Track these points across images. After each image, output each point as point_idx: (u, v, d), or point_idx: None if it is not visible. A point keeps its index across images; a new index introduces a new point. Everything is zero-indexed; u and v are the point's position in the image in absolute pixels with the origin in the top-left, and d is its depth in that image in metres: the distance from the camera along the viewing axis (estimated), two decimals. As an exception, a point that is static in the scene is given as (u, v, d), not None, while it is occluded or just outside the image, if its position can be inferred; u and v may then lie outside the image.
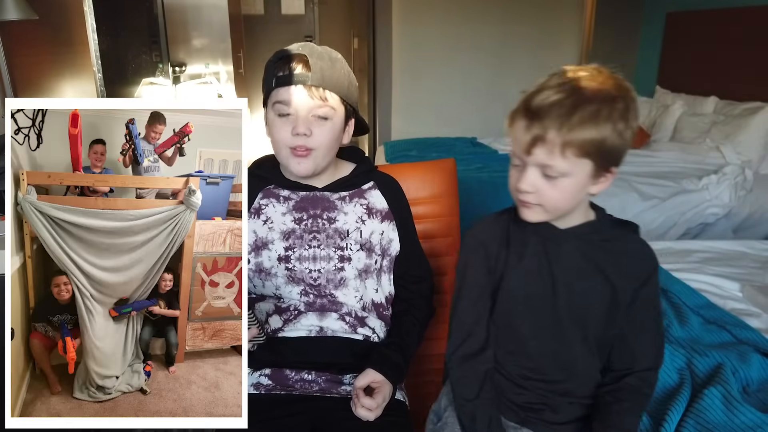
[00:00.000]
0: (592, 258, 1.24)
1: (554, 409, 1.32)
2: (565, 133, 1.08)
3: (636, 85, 4.23)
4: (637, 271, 1.25)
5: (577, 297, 1.25)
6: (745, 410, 1.55)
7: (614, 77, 1.13)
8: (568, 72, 1.14)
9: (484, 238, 1.32)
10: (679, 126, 4.79)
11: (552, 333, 1.27)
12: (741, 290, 2.38)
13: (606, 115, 1.08)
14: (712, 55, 4.82)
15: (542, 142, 1.10)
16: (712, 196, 3.72)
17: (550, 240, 1.25)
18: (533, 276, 1.27)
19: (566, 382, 1.31)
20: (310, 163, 1.44)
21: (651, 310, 1.29)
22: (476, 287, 1.32)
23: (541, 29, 5.71)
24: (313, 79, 1.37)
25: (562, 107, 1.08)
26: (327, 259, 1.48)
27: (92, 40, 3.36)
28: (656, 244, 2.90)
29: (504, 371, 1.34)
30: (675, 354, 1.84)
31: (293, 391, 1.46)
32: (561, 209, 1.19)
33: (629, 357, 1.30)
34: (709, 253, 2.80)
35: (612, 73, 1.15)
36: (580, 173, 1.13)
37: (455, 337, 1.35)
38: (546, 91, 1.11)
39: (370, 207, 1.54)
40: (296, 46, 1.42)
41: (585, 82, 1.11)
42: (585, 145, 1.09)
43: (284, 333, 1.48)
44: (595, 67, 1.15)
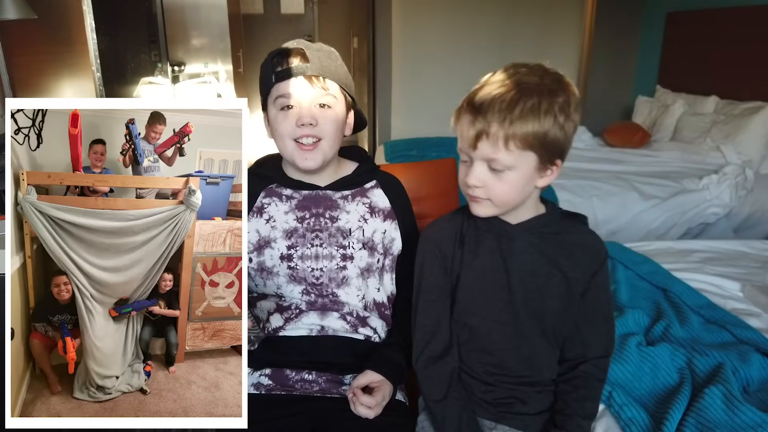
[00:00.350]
0: (545, 252, 1.27)
1: (524, 401, 1.34)
2: (508, 126, 1.12)
3: (636, 85, 4.24)
4: (588, 262, 1.28)
5: (532, 292, 1.28)
6: (745, 409, 1.55)
7: (555, 73, 1.18)
8: (510, 68, 1.19)
9: (438, 239, 1.34)
10: (679, 126, 4.79)
11: (511, 329, 1.30)
12: (741, 290, 2.38)
13: (546, 108, 1.12)
14: (713, 54, 4.82)
15: (486, 136, 1.14)
16: (712, 195, 3.73)
17: (503, 236, 1.28)
18: (489, 273, 1.29)
19: (531, 375, 1.33)
20: (318, 155, 1.45)
21: (602, 299, 1.32)
22: (434, 289, 1.34)
23: (541, 30, 5.71)
24: (312, 69, 1.39)
25: (503, 101, 1.12)
26: (329, 257, 1.48)
27: (91, 39, 3.36)
28: (657, 244, 2.91)
29: (470, 370, 1.35)
30: (675, 353, 1.83)
31: (293, 391, 1.45)
32: (509, 203, 1.22)
33: (582, 346, 1.33)
34: (710, 252, 2.79)
35: (554, 70, 1.19)
36: (525, 166, 1.16)
37: (418, 340, 1.36)
38: (488, 87, 1.16)
39: (373, 206, 1.54)
40: (291, 42, 1.44)
41: (526, 77, 1.15)
42: (527, 138, 1.13)
43: (285, 332, 1.47)
44: (539, 64, 1.19)
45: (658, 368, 1.77)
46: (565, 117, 1.14)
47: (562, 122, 1.14)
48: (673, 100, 5.03)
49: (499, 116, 1.12)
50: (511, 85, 1.14)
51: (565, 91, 1.16)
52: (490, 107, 1.13)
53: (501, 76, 1.17)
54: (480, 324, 1.31)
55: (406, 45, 5.55)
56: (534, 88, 1.13)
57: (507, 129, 1.12)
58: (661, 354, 1.81)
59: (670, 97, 5.11)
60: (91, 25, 3.35)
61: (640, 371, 1.76)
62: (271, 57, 1.43)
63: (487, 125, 1.14)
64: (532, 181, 1.20)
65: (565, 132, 1.16)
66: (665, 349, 1.84)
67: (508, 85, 1.14)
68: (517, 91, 1.12)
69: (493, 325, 1.30)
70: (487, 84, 1.17)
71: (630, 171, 4.10)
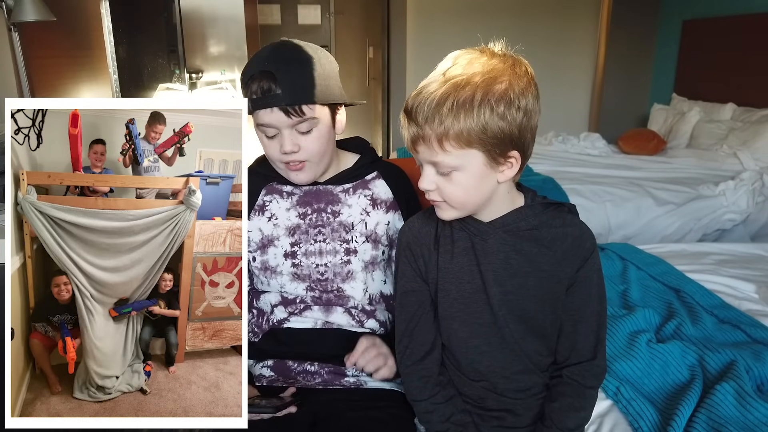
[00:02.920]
0: (522, 249, 1.21)
1: (515, 413, 1.29)
2: (437, 126, 1.06)
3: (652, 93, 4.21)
4: (571, 256, 1.21)
5: (509, 293, 1.22)
6: (758, 405, 1.53)
7: (502, 56, 1.10)
8: (449, 60, 1.12)
9: (409, 240, 1.30)
10: (695, 133, 4.76)
11: (492, 331, 1.24)
12: (757, 291, 2.35)
13: (480, 99, 1.05)
14: (730, 62, 4.78)
15: (422, 140, 1.09)
16: (729, 202, 3.69)
17: (477, 235, 1.22)
18: (465, 275, 1.24)
19: (519, 380, 1.27)
20: (308, 172, 1.45)
21: (589, 297, 1.24)
22: (408, 292, 1.31)
23: (556, 38, 5.70)
24: (285, 98, 1.33)
25: (432, 100, 1.06)
26: (333, 252, 1.49)
27: (109, 43, 3.39)
28: (671, 246, 2.89)
29: (458, 378, 1.32)
30: (686, 351, 1.81)
31: (295, 382, 1.47)
32: (467, 204, 1.17)
33: (569, 347, 1.26)
34: (725, 255, 2.77)
35: (503, 52, 1.12)
36: (472, 165, 1.10)
37: (397, 343, 1.33)
38: (423, 89, 1.10)
39: (375, 198, 1.53)
40: (264, 54, 1.37)
41: (456, 70, 1.08)
42: (462, 136, 1.06)
43: (289, 323, 1.49)
44: (485, 48, 1.12)
45: (668, 365, 1.74)
46: (507, 105, 1.05)
47: (503, 111, 1.05)
48: (689, 107, 4.98)
49: (429, 118, 1.06)
50: (441, 82, 1.07)
51: (509, 74, 1.07)
52: (419, 109, 1.08)
53: (436, 73, 1.11)
54: (460, 327, 1.27)
55: (420, 54, 5.59)
56: (466, 80, 1.06)
57: (437, 129, 1.06)
58: (671, 351, 1.79)
59: (686, 105, 5.07)
60: (109, 29, 3.38)
61: (650, 368, 1.74)
62: (245, 79, 1.36)
63: (419, 128, 1.09)
64: (488, 179, 1.13)
65: (510, 121, 1.07)
66: (676, 347, 1.81)
67: (439, 82, 1.08)
68: (447, 87, 1.06)
69: (474, 327, 1.26)
70: (422, 86, 1.11)
71: (644, 177, 4.06)
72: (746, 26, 4.60)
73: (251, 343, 1.50)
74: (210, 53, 4.91)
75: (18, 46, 2.73)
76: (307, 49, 1.38)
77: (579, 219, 1.25)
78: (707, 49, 5.04)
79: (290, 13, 7.00)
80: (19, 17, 2.55)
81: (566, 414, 1.24)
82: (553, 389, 1.27)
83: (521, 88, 1.08)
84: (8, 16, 2.60)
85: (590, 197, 3.68)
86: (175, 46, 4.76)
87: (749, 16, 4.58)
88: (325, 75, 1.39)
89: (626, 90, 5.85)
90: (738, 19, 4.71)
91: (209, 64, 4.95)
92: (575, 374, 1.25)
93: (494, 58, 1.10)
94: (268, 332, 1.50)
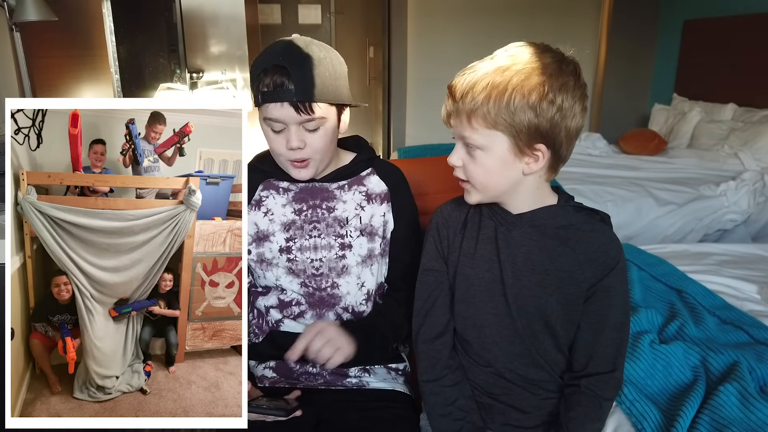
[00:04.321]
0: (545, 246, 1.22)
1: (523, 411, 1.30)
2: (469, 102, 1.11)
3: (653, 93, 4.22)
4: (594, 262, 1.21)
5: (525, 288, 1.22)
6: (761, 406, 1.53)
7: (551, 52, 1.13)
8: (501, 49, 1.17)
9: (439, 222, 1.34)
10: (696, 133, 4.76)
11: (506, 322, 1.25)
12: (759, 292, 2.35)
13: (515, 85, 1.08)
14: (731, 62, 4.78)
15: (455, 113, 1.15)
16: (730, 202, 3.69)
17: (502, 225, 1.24)
18: (484, 263, 1.26)
19: (527, 375, 1.28)
20: (310, 169, 1.46)
21: (612, 307, 1.23)
22: (429, 270, 1.34)
23: (557, 37, 5.61)
24: (297, 94, 1.33)
25: (472, 79, 1.12)
26: (328, 247, 1.49)
27: (110, 42, 3.39)
28: (672, 247, 2.89)
29: (470, 356, 1.33)
30: (689, 352, 1.81)
31: (298, 384, 1.47)
32: (490, 186, 1.19)
33: (586, 356, 1.25)
34: (727, 256, 2.77)
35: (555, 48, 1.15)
36: (496, 147, 1.13)
37: (414, 320, 1.36)
38: (469, 68, 1.16)
39: (369, 192, 1.54)
40: (278, 49, 1.37)
41: (505, 56, 1.13)
42: (489, 116, 1.10)
43: (285, 327, 1.50)
44: (539, 43, 1.16)
45: (671, 366, 1.74)
46: (540, 96, 1.08)
47: (534, 102, 1.08)
48: (690, 107, 4.98)
49: (465, 94, 1.12)
50: (487, 64, 1.13)
51: (553, 69, 1.10)
52: (459, 84, 1.14)
53: (489, 57, 1.16)
54: (475, 313, 1.29)
55: (420, 54, 5.58)
56: (508, 66, 1.10)
57: (468, 105, 1.11)
58: (674, 352, 1.78)
59: (687, 105, 5.07)
60: (111, 29, 3.38)
61: (653, 369, 1.73)
62: (257, 72, 1.36)
63: (455, 103, 1.14)
64: (512, 167, 1.15)
65: (540, 113, 1.09)
66: (679, 348, 1.81)
67: (485, 63, 1.14)
68: (490, 68, 1.11)
69: (488, 316, 1.27)
70: (472, 64, 1.17)
71: (645, 177, 4.06)
72: (747, 26, 4.60)
73: (252, 344, 1.50)
74: (211, 53, 4.92)
75: (20, 45, 2.73)
76: (320, 48, 1.39)
77: (610, 229, 1.25)
78: (708, 49, 5.03)
79: (291, 13, 7.00)
80: (21, 17, 2.56)
81: (582, 424, 1.24)
82: (570, 398, 1.26)
83: (560, 84, 1.09)
84: (10, 16, 2.60)
85: (591, 197, 3.68)
86: (176, 45, 4.77)
87: (750, 16, 4.57)
88: (336, 75, 1.40)
89: (627, 90, 5.84)
90: (739, 19, 4.71)
91: (210, 63, 4.95)
92: (593, 385, 1.24)
93: (546, 53, 1.12)
94: (267, 336, 1.51)
